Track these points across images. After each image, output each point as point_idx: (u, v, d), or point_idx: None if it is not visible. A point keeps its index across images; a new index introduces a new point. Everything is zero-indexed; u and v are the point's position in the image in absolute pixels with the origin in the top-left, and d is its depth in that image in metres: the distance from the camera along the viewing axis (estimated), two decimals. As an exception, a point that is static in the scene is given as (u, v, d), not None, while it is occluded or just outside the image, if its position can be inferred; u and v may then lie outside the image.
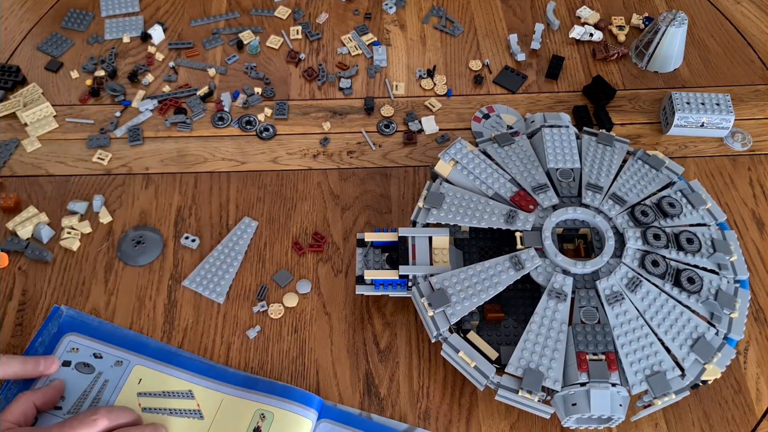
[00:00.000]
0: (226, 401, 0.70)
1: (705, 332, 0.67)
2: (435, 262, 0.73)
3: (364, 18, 1.05)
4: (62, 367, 0.72)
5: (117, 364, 0.72)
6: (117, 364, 0.72)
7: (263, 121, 0.93)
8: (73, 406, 0.70)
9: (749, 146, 0.92)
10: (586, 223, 0.73)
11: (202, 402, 0.70)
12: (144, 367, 0.72)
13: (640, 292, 0.68)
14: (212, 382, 0.71)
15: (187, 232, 0.83)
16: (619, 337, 0.66)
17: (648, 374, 0.65)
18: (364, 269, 0.74)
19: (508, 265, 0.70)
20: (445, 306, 0.68)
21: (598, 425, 0.66)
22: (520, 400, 0.65)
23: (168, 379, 0.72)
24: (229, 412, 0.69)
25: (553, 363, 0.65)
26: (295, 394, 0.69)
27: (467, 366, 0.67)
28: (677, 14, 0.95)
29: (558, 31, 1.04)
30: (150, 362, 0.73)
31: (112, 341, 0.74)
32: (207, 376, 0.72)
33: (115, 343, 0.74)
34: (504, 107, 0.95)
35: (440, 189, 0.76)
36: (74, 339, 0.74)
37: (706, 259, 0.71)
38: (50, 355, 0.71)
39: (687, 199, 0.75)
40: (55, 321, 0.75)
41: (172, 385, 0.71)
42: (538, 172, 0.76)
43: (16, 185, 0.87)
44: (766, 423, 0.72)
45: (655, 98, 0.97)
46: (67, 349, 0.73)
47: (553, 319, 0.67)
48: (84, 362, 0.72)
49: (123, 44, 1.01)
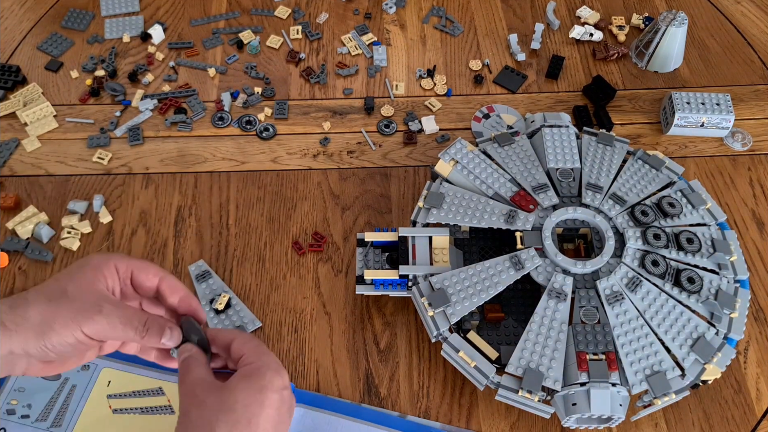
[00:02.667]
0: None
1: (705, 332, 0.67)
2: (435, 262, 0.73)
3: (364, 18, 1.05)
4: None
5: (84, 368, 0.73)
6: (84, 369, 0.73)
7: (263, 120, 0.93)
8: (41, 413, 0.70)
9: (749, 146, 0.92)
10: (587, 222, 0.73)
11: (173, 397, 0.71)
12: (112, 369, 0.73)
13: (640, 292, 0.68)
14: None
15: (188, 232, 0.83)
16: (619, 336, 0.66)
17: (648, 374, 0.65)
18: (364, 269, 0.74)
19: (508, 265, 0.70)
20: (445, 306, 0.68)
21: (598, 425, 0.66)
22: (520, 399, 0.65)
23: (137, 379, 0.72)
24: None
25: (553, 363, 0.65)
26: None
27: (467, 366, 0.67)
28: (677, 14, 0.95)
29: (558, 30, 1.04)
30: (118, 364, 0.73)
31: None
32: (175, 372, 0.72)
33: None
34: (504, 107, 0.95)
35: (440, 189, 0.76)
36: None
37: (706, 259, 0.71)
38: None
39: (687, 198, 0.75)
40: None
41: (141, 384, 0.72)
42: (538, 171, 0.76)
43: (16, 185, 0.87)
44: (766, 423, 0.72)
45: (655, 98, 0.97)
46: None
47: (554, 318, 0.67)
48: None
49: (123, 44, 1.01)
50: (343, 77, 0.98)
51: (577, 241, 0.74)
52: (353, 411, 0.71)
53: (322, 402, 0.71)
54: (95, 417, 0.70)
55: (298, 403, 0.71)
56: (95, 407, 0.70)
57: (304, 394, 0.72)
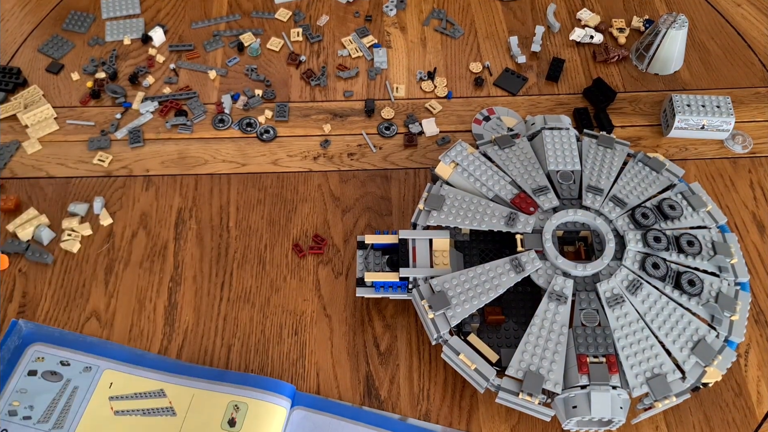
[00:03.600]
0: (197, 396, 0.71)
1: (705, 335, 0.67)
2: (435, 265, 0.73)
3: (364, 20, 1.05)
4: (28, 376, 0.72)
5: (86, 370, 0.73)
6: (86, 371, 0.73)
7: (264, 123, 0.93)
8: (43, 415, 0.70)
9: (750, 148, 0.92)
10: (587, 225, 0.73)
11: (174, 399, 0.71)
12: (114, 371, 0.73)
13: (641, 295, 0.68)
14: (183, 378, 0.72)
15: (188, 234, 0.83)
16: (619, 339, 0.66)
17: (648, 377, 0.65)
18: (364, 271, 0.74)
19: (509, 268, 0.70)
20: (445, 308, 0.68)
21: (598, 428, 0.66)
22: (520, 402, 0.65)
23: (138, 381, 0.72)
24: (201, 405, 0.70)
25: (553, 365, 0.65)
26: (267, 383, 0.70)
27: (467, 368, 0.67)
28: (677, 17, 0.95)
29: (558, 33, 1.04)
30: (119, 365, 0.73)
31: (78, 348, 0.74)
32: (177, 374, 0.72)
33: (82, 349, 0.74)
34: (504, 109, 0.95)
35: (441, 191, 0.76)
36: (39, 348, 0.74)
37: (706, 261, 0.71)
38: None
39: (687, 201, 0.75)
40: (15, 334, 0.75)
41: (143, 386, 0.72)
42: (539, 174, 0.76)
43: (16, 187, 0.87)
44: (766, 426, 0.72)
45: (655, 100, 0.97)
46: (32, 359, 0.73)
47: (554, 321, 0.67)
48: (51, 370, 0.72)
49: (124, 46, 1.01)
50: (344, 79, 0.98)
51: (578, 243, 0.74)
52: (354, 414, 0.71)
53: (322, 405, 0.71)
54: (97, 419, 0.70)
55: (299, 405, 0.71)
56: (97, 409, 0.70)
57: (304, 397, 0.72)
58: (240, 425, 0.68)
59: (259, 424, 0.68)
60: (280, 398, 0.70)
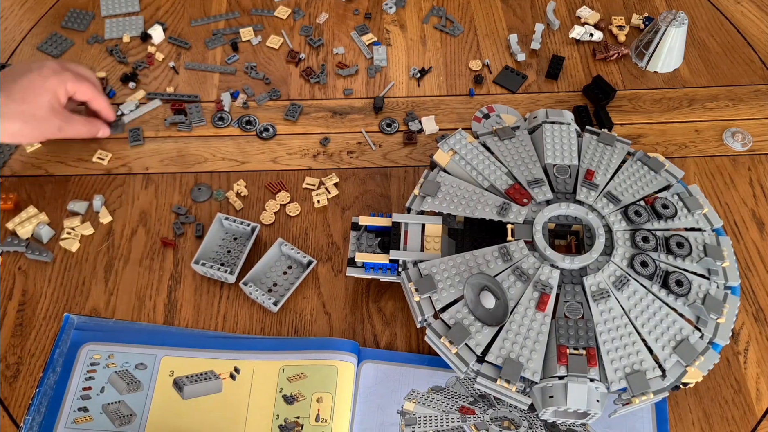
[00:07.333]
0: (258, 367, 0.72)
1: (689, 335, 0.66)
2: (426, 250, 0.73)
3: (364, 18, 1.05)
4: (86, 381, 0.72)
5: (140, 366, 0.73)
6: (141, 366, 0.73)
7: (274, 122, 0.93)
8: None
9: (749, 146, 0.92)
10: (579, 219, 0.72)
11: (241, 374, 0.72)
12: (171, 357, 0.73)
13: (627, 291, 0.68)
14: (242, 353, 0.73)
15: (188, 232, 0.83)
16: (601, 333, 0.66)
17: (628, 372, 0.64)
18: (356, 252, 0.74)
19: (497, 255, 0.70)
20: (431, 292, 0.68)
21: (575, 419, 0.66)
22: (498, 389, 0.65)
23: (197, 362, 0.73)
24: (264, 375, 0.71)
25: (533, 354, 0.65)
26: (330, 343, 0.72)
27: (449, 352, 0.67)
28: (677, 14, 0.95)
29: (558, 31, 1.04)
30: (176, 351, 0.73)
31: (131, 341, 0.74)
32: (234, 349, 0.73)
33: (134, 341, 0.74)
34: (504, 107, 0.95)
35: (437, 178, 0.76)
36: (93, 348, 0.74)
37: (695, 263, 0.70)
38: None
39: (683, 202, 0.74)
40: (68, 331, 0.75)
41: (203, 366, 0.72)
42: (535, 166, 0.76)
43: (16, 185, 0.87)
44: (766, 423, 0.72)
45: (654, 98, 0.97)
46: (87, 363, 0.73)
47: (537, 311, 0.67)
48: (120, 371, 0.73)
49: (123, 44, 1.01)
50: (343, 77, 0.98)
51: (570, 238, 0.74)
52: (418, 360, 0.74)
53: (388, 356, 0.74)
54: (165, 406, 0.70)
55: (366, 359, 0.73)
56: (164, 395, 0.71)
57: (369, 351, 0.74)
58: (309, 388, 0.70)
59: (328, 384, 0.70)
60: (347, 354, 0.72)
